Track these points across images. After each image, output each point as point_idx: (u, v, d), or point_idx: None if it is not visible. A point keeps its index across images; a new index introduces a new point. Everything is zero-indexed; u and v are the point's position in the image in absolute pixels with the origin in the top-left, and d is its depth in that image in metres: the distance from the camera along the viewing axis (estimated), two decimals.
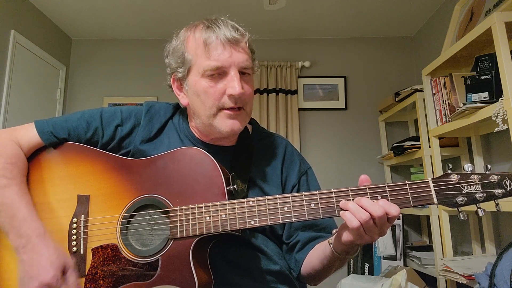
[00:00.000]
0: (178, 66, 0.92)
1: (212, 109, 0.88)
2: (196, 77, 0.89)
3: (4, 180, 0.83)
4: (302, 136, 3.16)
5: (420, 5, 2.80)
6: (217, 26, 0.88)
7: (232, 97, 0.87)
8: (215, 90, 0.87)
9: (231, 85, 0.86)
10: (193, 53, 0.89)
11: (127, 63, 3.30)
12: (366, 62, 3.28)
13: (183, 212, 0.80)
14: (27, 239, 0.79)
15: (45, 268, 0.76)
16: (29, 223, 0.80)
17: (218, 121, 0.89)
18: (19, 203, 0.82)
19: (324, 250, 0.85)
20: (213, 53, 0.86)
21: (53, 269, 0.76)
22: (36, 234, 0.80)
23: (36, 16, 2.84)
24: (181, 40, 0.92)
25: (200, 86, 0.88)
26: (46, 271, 0.76)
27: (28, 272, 0.77)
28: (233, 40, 0.87)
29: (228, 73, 0.87)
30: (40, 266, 0.76)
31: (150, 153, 0.92)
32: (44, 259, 0.77)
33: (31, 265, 0.77)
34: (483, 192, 0.70)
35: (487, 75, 1.66)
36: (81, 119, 0.94)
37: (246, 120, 0.93)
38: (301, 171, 1.01)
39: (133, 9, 2.85)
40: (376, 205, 0.69)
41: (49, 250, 0.79)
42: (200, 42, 0.88)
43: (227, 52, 0.86)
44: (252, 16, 2.93)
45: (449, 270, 1.88)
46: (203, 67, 0.87)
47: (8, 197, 0.82)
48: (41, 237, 0.80)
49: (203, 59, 0.87)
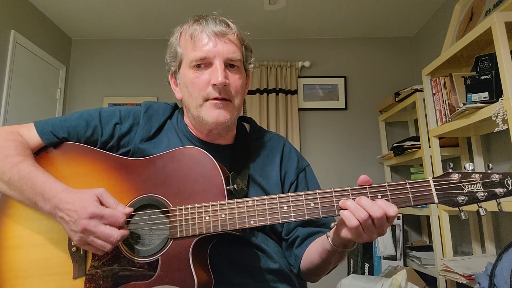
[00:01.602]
0: (172, 61, 0.96)
1: (198, 100, 0.90)
2: (185, 70, 0.92)
3: (19, 157, 0.85)
4: (302, 136, 3.16)
5: (420, 5, 2.80)
6: (205, 20, 0.92)
7: (216, 87, 0.88)
8: (200, 80, 0.89)
9: (214, 75, 0.88)
10: (183, 47, 0.93)
11: (127, 63, 3.30)
12: (366, 62, 3.28)
13: (182, 212, 0.80)
14: (54, 200, 0.79)
15: (81, 205, 0.76)
16: (50, 185, 0.81)
17: (205, 112, 0.90)
18: (35, 172, 0.84)
19: (323, 244, 0.85)
20: (198, 44, 0.89)
21: (89, 201, 0.77)
22: (59, 191, 0.80)
23: (36, 16, 2.84)
24: (175, 36, 0.96)
25: (188, 77, 0.91)
26: (84, 207, 0.76)
27: (70, 220, 0.77)
28: (219, 32, 0.89)
29: (213, 63, 0.89)
30: (76, 208, 0.76)
31: (150, 152, 0.93)
32: (77, 202, 0.77)
33: (69, 214, 0.77)
34: (485, 191, 0.69)
35: (487, 75, 1.66)
36: (80, 118, 0.95)
37: (233, 113, 0.93)
38: (299, 168, 1.01)
39: (133, 9, 2.85)
40: (375, 205, 0.69)
41: (76, 194, 0.79)
42: (188, 35, 0.92)
43: (212, 43, 0.89)
44: (252, 16, 2.93)
45: (449, 270, 1.87)
46: (189, 58, 0.90)
47: (24, 169, 0.84)
48: (66, 192, 0.80)
49: (189, 50, 0.90)
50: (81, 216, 0.75)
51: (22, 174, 0.83)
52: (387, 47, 3.30)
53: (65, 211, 0.77)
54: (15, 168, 0.84)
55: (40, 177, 0.83)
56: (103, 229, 0.75)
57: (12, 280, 0.84)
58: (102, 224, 0.75)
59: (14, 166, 0.84)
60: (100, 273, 0.81)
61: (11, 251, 0.87)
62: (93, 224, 0.75)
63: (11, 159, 0.85)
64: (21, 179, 0.83)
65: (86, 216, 0.75)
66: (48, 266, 0.84)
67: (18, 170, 0.83)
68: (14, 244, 0.87)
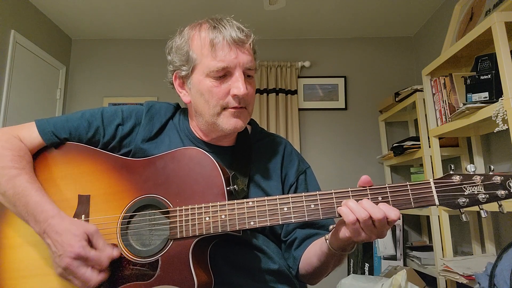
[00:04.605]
0: (182, 64, 0.92)
1: (216, 108, 0.89)
2: (200, 76, 0.89)
3: (14, 170, 0.84)
4: (302, 136, 3.16)
5: (420, 5, 2.80)
6: (223, 26, 0.89)
7: (236, 97, 0.88)
8: (220, 90, 0.88)
9: (235, 85, 0.87)
10: (198, 52, 0.89)
11: (127, 63, 3.30)
12: (366, 62, 3.28)
13: (182, 212, 0.80)
14: (45, 224, 0.79)
15: (68, 242, 0.76)
16: (42, 207, 0.81)
17: (222, 120, 0.90)
18: (30, 190, 0.83)
19: (321, 246, 0.85)
20: (219, 53, 0.86)
21: (77, 240, 0.76)
22: (51, 216, 0.80)
23: (36, 16, 2.84)
24: (185, 39, 0.92)
25: (205, 86, 0.89)
26: (71, 245, 0.75)
27: (56, 252, 0.77)
28: (239, 41, 0.88)
29: (233, 73, 0.88)
30: (63, 243, 0.76)
31: (151, 152, 0.93)
32: (65, 236, 0.77)
33: (56, 245, 0.77)
34: (486, 193, 0.69)
35: (487, 75, 1.66)
36: (82, 118, 0.95)
37: (247, 119, 0.94)
38: (300, 170, 1.01)
39: (133, 9, 2.85)
40: (376, 207, 0.69)
41: (67, 226, 0.78)
42: (206, 42, 0.88)
43: (233, 53, 0.87)
44: (252, 16, 2.93)
45: (449, 270, 1.88)
46: (209, 67, 0.87)
47: (19, 185, 0.83)
48: (57, 217, 0.80)
49: (209, 59, 0.87)
50: (66, 254, 0.75)
51: (16, 191, 0.82)
52: (387, 47, 3.30)
53: (53, 240, 0.78)
54: (11, 183, 0.83)
55: (33, 197, 0.82)
56: (83, 272, 0.75)
57: (13, 280, 0.85)
58: (84, 266, 0.76)
59: (10, 180, 0.83)
60: None
61: (12, 251, 0.87)
62: (76, 265, 0.75)
63: (7, 171, 0.84)
64: (15, 195, 0.82)
65: (71, 255, 0.75)
66: (48, 265, 0.84)
67: (13, 186, 0.83)
68: (15, 244, 0.87)
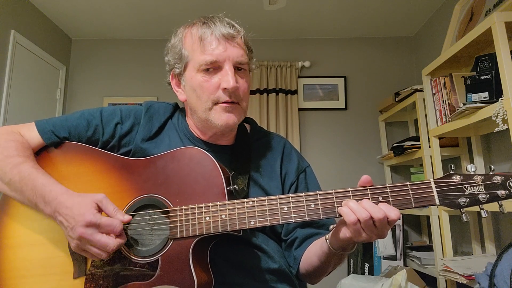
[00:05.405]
0: (176, 63, 0.94)
1: (207, 103, 0.90)
2: (192, 72, 0.91)
3: (19, 158, 0.85)
4: (302, 136, 3.16)
5: (420, 5, 2.80)
6: (213, 22, 0.90)
7: (226, 91, 0.88)
8: (210, 84, 0.89)
9: (225, 79, 0.87)
10: (189, 49, 0.91)
11: (127, 63, 3.30)
12: (366, 62, 3.28)
13: (183, 212, 0.80)
14: (55, 202, 0.79)
15: (78, 213, 0.76)
16: (50, 188, 0.81)
17: (214, 115, 0.90)
18: (36, 174, 0.84)
19: (322, 246, 0.85)
20: (207, 47, 0.88)
21: (87, 208, 0.77)
22: (59, 193, 0.80)
23: (36, 16, 2.84)
24: (179, 38, 0.95)
25: (196, 81, 0.90)
26: (81, 214, 0.76)
27: (68, 226, 0.77)
28: (228, 35, 0.89)
29: (222, 67, 0.89)
30: (74, 215, 0.76)
31: (151, 152, 0.93)
32: (75, 208, 0.77)
33: (67, 219, 0.77)
34: (486, 193, 0.69)
35: (487, 75, 1.66)
36: (81, 118, 0.95)
37: (241, 115, 0.94)
38: (300, 169, 1.01)
39: (133, 9, 2.85)
40: (377, 207, 0.69)
41: (76, 199, 0.79)
42: (196, 38, 0.90)
43: (222, 46, 0.88)
44: (252, 16, 2.93)
45: (449, 270, 1.87)
46: (198, 61, 0.89)
47: (25, 171, 0.84)
48: (65, 194, 0.80)
49: (198, 53, 0.89)
50: (78, 224, 0.75)
51: (23, 176, 0.83)
52: (387, 47, 3.30)
53: (64, 216, 0.78)
54: (16, 169, 0.84)
55: (40, 179, 0.83)
56: (99, 238, 0.75)
57: (13, 280, 0.84)
58: (98, 233, 0.76)
59: (15, 167, 0.84)
60: (100, 273, 0.81)
61: (12, 251, 0.87)
62: (90, 233, 0.75)
63: (12, 159, 0.85)
64: (22, 180, 0.83)
65: (82, 224, 0.75)
66: (48, 265, 0.84)
67: (19, 171, 0.83)
68: (14, 244, 0.87)
